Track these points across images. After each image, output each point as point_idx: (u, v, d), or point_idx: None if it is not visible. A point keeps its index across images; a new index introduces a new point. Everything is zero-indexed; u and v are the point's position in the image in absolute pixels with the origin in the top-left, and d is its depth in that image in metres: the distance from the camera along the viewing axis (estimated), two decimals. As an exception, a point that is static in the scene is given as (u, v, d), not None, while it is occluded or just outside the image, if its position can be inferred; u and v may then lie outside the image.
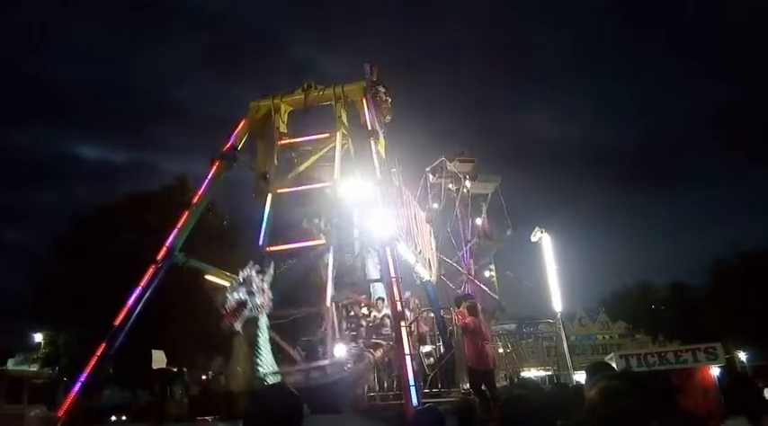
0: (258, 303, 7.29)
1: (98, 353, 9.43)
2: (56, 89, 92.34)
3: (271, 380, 7.28)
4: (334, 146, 12.05)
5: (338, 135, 12.17)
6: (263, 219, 11.76)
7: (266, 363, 7.28)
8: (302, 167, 12.36)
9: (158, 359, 15.59)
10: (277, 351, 8.24)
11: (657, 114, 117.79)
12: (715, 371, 10.56)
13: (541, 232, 17.50)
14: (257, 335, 7.24)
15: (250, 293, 7.23)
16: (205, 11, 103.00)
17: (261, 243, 11.55)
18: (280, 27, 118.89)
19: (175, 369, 16.40)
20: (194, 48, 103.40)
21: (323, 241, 11.14)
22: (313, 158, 12.32)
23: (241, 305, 7.13)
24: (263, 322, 7.37)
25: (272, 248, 11.65)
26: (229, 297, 7.07)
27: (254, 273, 7.44)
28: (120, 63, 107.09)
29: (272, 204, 11.95)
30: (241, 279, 7.23)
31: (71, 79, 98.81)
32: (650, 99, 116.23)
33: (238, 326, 7.11)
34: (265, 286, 7.51)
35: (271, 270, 7.77)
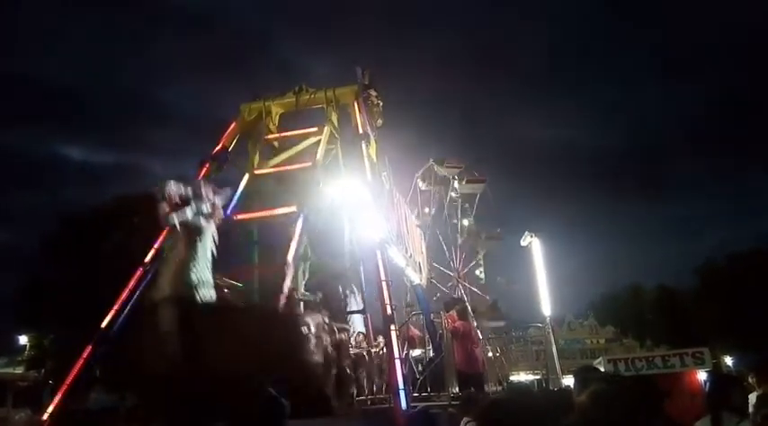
0: (205, 211, 6.54)
1: (84, 356, 9.36)
2: (43, 90, 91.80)
3: (203, 292, 6.58)
4: (320, 140, 11.84)
5: (326, 128, 12.04)
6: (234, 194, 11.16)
7: (200, 273, 6.55)
8: (285, 154, 12.12)
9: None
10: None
11: (644, 117, 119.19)
12: (702, 376, 10.65)
13: (531, 236, 17.58)
14: (196, 242, 6.48)
15: (197, 196, 6.50)
16: (194, 11, 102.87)
17: (227, 213, 10.81)
18: (270, 28, 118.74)
19: (163, 372, 16.25)
20: (182, 49, 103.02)
21: (293, 208, 10.61)
22: (298, 147, 12.12)
23: (184, 201, 6.39)
24: (209, 233, 6.62)
25: (239, 216, 11.18)
26: (171, 184, 6.29)
27: (205, 185, 6.76)
28: (108, 64, 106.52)
29: (250, 184, 11.65)
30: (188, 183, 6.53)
31: (58, 80, 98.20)
32: (637, 102, 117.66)
33: (175, 221, 6.36)
34: (218, 201, 6.82)
35: (228, 193, 7.22)
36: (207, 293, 6.65)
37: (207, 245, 6.66)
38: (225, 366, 6.15)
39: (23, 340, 26.69)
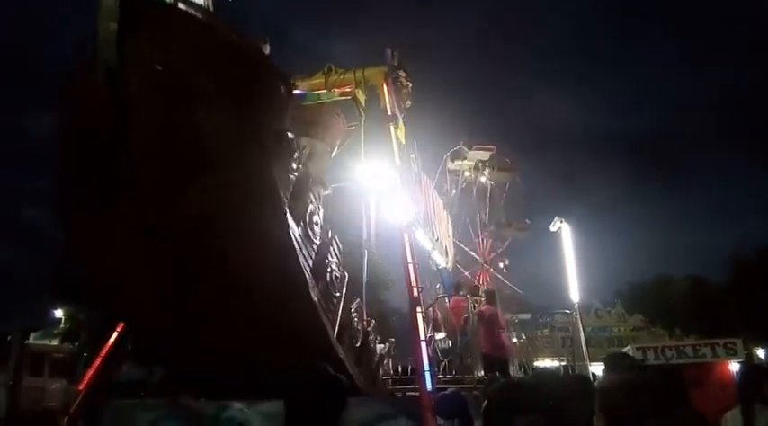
0: None
1: (118, 329, 9.60)
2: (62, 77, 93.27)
3: None
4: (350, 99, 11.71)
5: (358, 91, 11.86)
6: None
7: None
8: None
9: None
10: None
11: (676, 106, 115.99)
12: (734, 367, 10.44)
13: (561, 222, 17.33)
14: None
15: None
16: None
17: None
18: (288, 9, 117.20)
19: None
20: None
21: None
22: (324, 99, 11.94)
23: None
24: None
25: None
26: None
27: None
28: None
29: None
30: None
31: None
32: (670, 90, 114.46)
33: None
34: None
35: None
36: None
37: None
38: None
39: (59, 313, 27.59)
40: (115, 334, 9.58)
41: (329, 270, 7.96)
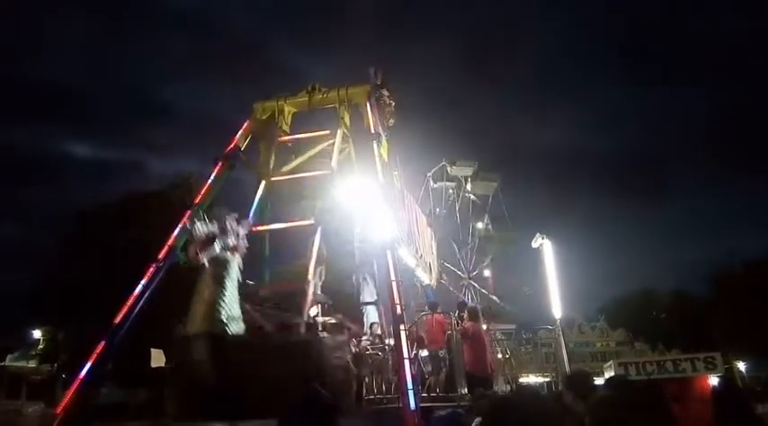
0: (231, 244, 6.90)
1: (98, 351, 9.45)
2: (46, 88, 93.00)
3: (233, 327, 7.03)
4: (334, 142, 12.04)
5: (338, 131, 12.19)
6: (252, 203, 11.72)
7: (230, 307, 6.97)
8: (300, 160, 12.29)
9: (157, 357, 15.59)
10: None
11: (658, 121, 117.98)
12: (714, 381, 10.57)
13: (542, 238, 17.45)
14: (224, 277, 6.86)
15: (222, 231, 6.87)
16: (196, 12, 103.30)
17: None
18: (273, 28, 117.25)
19: (174, 368, 16.33)
20: (183, 49, 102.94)
21: (311, 221, 10.95)
22: (311, 151, 12.28)
23: (210, 239, 6.75)
24: (235, 265, 7.03)
25: (259, 227, 11.31)
26: (198, 225, 6.69)
27: (229, 217, 7.11)
28: (110, 62, 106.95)
29: (267, 191, 11.94)
30: (213, 217, 6.87)
31: (62, 79, 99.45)
32: (651, 105, 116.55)
33: (204, 260, 6.77)
34: (242, 231, 7.18)
35: (250, 221, 7.60)
36: (236, 327, 7.22)
37: (234, 278, 7.09)
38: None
39: (37, 334, 27.01)
40: (95, 355, 9.43)
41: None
